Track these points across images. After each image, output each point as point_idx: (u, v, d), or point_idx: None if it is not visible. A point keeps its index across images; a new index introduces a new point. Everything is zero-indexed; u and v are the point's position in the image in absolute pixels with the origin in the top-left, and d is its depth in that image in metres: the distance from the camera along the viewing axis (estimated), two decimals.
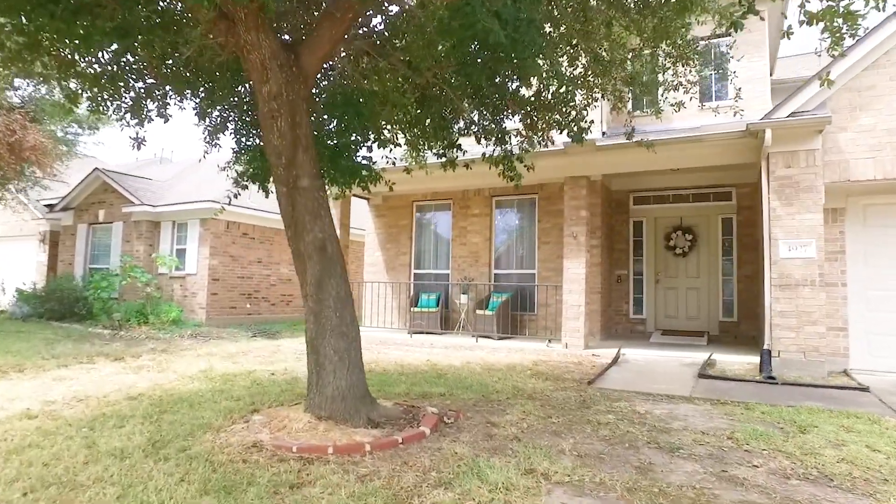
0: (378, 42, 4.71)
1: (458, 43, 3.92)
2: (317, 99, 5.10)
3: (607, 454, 3.71)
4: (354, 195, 10.93)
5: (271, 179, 5.15)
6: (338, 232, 10.24)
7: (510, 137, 6.16)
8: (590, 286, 8.99)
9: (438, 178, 8.29)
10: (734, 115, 6.19)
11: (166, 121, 5.31)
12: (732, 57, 6.77)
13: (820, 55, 4.00)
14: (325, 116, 5.03)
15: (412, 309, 10.79)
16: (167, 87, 5.16)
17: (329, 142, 4.89)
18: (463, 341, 9.56)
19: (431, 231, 11.89)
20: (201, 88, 5.24)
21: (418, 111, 5.89)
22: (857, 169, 6.52)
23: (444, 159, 6.32)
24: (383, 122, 5.89)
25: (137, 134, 5.22)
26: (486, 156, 6.12)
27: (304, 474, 3.22)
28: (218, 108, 5.57)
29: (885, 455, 3.69)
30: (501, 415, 4.66)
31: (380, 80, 5.21)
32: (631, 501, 2.92)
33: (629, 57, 5.32)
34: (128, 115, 5.12)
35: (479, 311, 10.18)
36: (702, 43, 6.37)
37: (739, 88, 5.92)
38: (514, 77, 4.75)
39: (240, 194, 5.61)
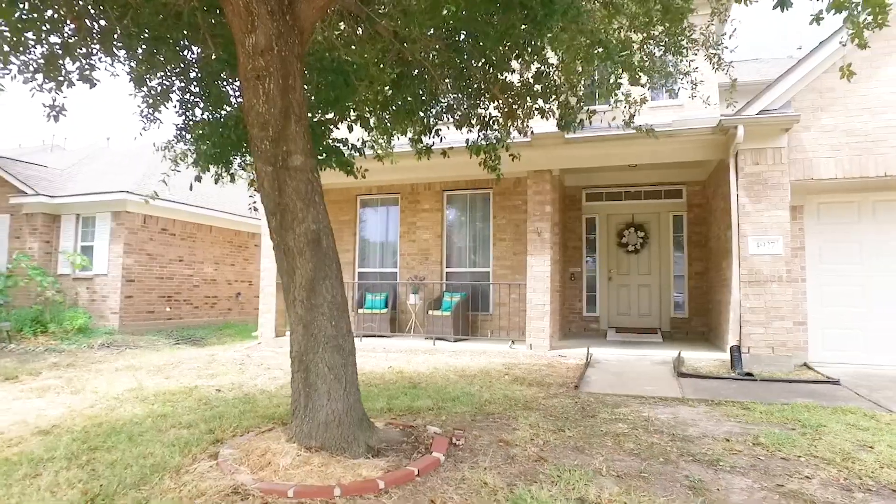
0: (367, 3, 4.01)
1: (474, 4, 3.36)
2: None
3: (647, 472, 3.32)
4: None
5: (239, 161, 4.32)
6: None
7: (493, 124, 5.69)
8: (552, 285, 8.74)
9: (387, 170, 7.61)
10: (680, 112, 6.17)
11: (92, 86, 4.26)
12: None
13: (845, 44, 3.88)
14: (306, 85, 4.25)
15: (359, 311, 10.02)
16: (94, 45, 4.15)
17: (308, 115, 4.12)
18: (418, 344, 8.97)
19: (377, 227, 11.16)
20: (139, 48, 4.26)
21: (391, 92, 5.24)
22: (820, 167, 6.71)
23: (419, 146, 5.72)
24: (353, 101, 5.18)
25: (54, 101, 4.16)
26: (470, 143, 5.59)
27: None
28: (160, 73, 4.59)
29: None
30: (509, 431, 4.16)
31: (359, 51, 4.51)
32: None
33: (631, 41, 4.99)
34: (39, 76, 4.05)
35: (432, 312, 9.64)
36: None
37: (697, 83, 5.88)
38: (526, 52, 4.23)
39: (201, 179, 4.67)
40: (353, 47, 4.25)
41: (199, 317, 12.71)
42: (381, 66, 4.80)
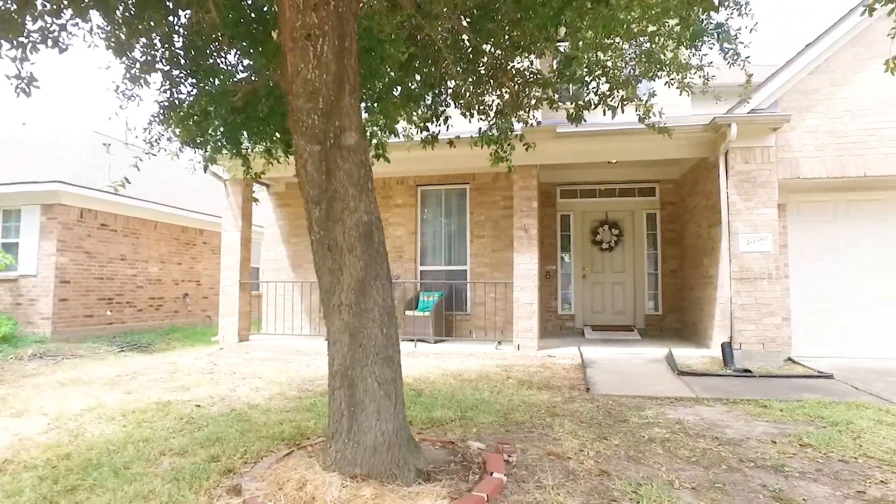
0: None
1: None
2: None
3: (720, 482, 3.11)
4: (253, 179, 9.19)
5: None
6: (239, 224, 8.55)
7: (504, 111, 5.36)
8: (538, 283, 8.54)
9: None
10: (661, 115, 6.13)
11: (62, 51, 3.55)
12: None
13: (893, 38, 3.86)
14: None
15: None
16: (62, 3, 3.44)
17: None
18: None
19: None
20: (119, 8, 3.59)
21: (400, 72, 4.80)
22: (806, 167, 6.89)
23: (425, 135, 5.30)
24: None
25: (20, 71, 3.41)
26: (481, 132, 5.23)
27: None
28: (143, 41, 3.91)
29: None
30: (551, 441, 3.85)
31: (377, 23, 4.04)
32: None
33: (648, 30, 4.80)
34: None
35: (409, 312, 9.20)
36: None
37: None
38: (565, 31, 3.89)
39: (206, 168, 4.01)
40: (375, 18, 3.76)
41: (142, 320, 11.54)
42: (395, 42, 4.34)
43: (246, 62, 4.13)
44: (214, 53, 4.13)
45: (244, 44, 3.54)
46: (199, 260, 13.32)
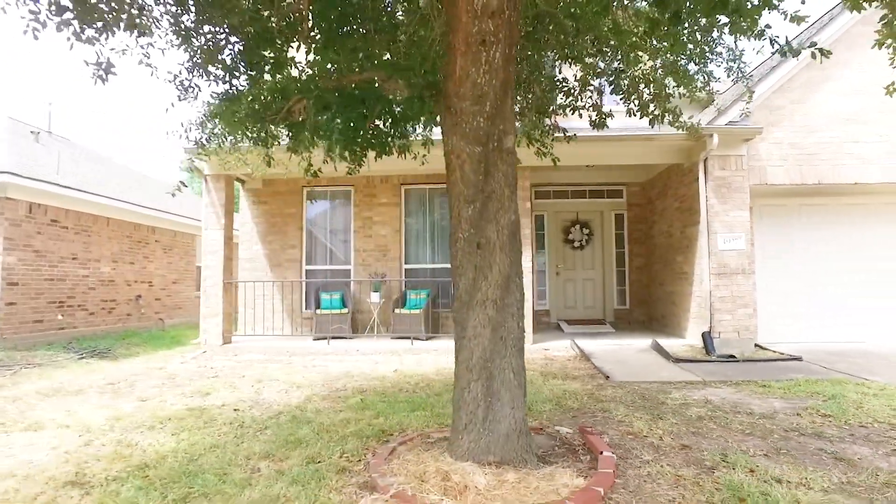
0: None
1: None
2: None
3: (783, 449, 3.57)
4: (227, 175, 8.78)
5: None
6: (222, 221, 8.23)
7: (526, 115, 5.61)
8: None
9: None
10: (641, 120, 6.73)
11: (143, 33, 3.36)
12: None
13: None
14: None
15: (316, 312, 9.24)
16: None
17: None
18: (390, 345, 8.54)
19: (328, 222, 10.38)
20: None
21: None
22: (772, 175, 7.77)
23: None
24: None
25: (99, 56, 3.21)
26: (524, 131, 5.44)
27: None
28: (209, 29, 3.77)
29: None
30: (619, 424, 4.18)
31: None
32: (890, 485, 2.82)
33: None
34: (76, 22, 3.08)
35: (398, 310, 9.26)
36: None
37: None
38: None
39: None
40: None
41: (94, 325, 10.64)
42: None
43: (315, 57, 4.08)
44: (282, 46, 4.05)
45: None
46: (152, 259, 12.47)
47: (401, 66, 3.31)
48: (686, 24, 3.63)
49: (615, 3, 3.68)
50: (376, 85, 3.47)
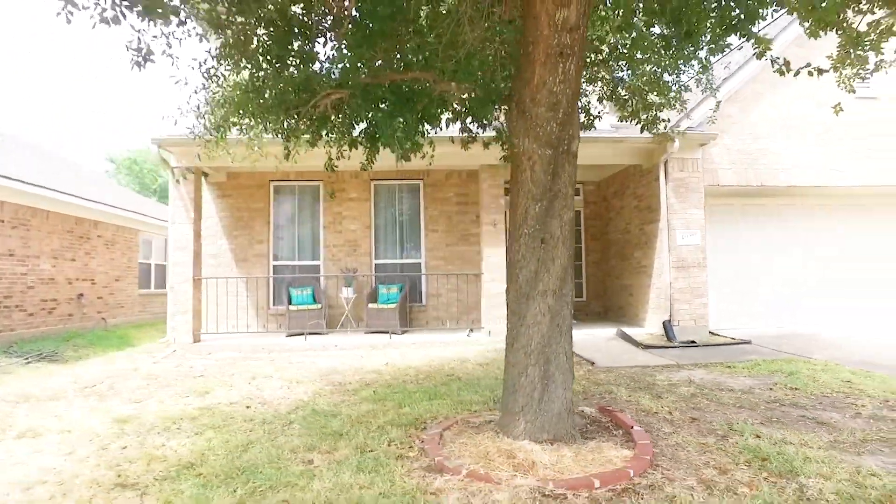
0: None
1: None
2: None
3: (773, 418, 4.10)
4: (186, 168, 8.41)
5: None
6: (191, 215, 7.98)
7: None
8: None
9: (309, 155, 7.05)
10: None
11: (183, 22, 3.30)
12: None
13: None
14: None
15: (289, 308, 9.09)
16: None
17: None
18: (363, 340, 8.58)
19: (296, 216, 10.20)
20: None
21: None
22: (723, 176, 8.58)
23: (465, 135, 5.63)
24: None
25: (140, 38, 3.12)
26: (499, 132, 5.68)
27: None
28: (240, 20, 3.73)
29: (879, 383, 5.13)
30: (628, 403, 4.57)
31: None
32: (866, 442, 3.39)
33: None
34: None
35: (372, 305, 9.31)
36: None
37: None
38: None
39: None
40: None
41: (34, 326, 9.80)
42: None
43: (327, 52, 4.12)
44: (308, 42, 4.07)
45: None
46: (94, 256, 11.63)
47: (467, 71, 3.46)
48: (695, 43, 4.04)
49: (633, 19, 4.03)
50: (427, 85, 3.59)
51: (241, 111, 4.13)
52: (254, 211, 9.89)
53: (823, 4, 4.01)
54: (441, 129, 5.24)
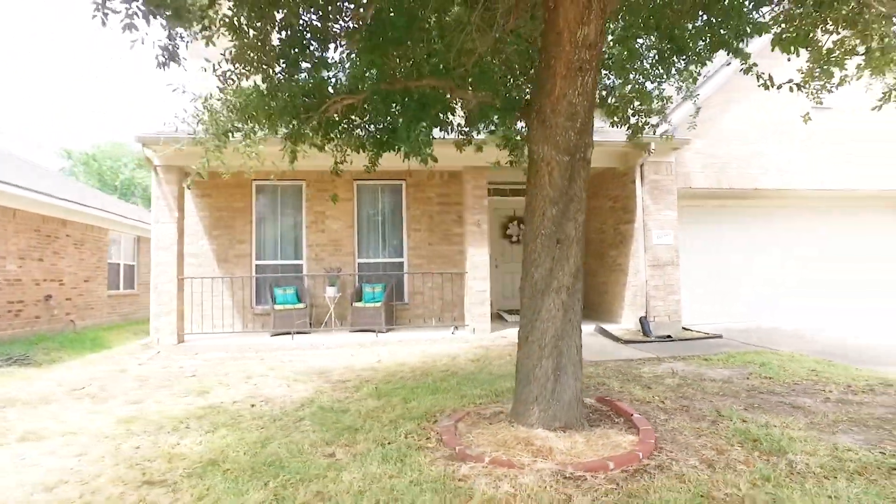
0: None
1: None
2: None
3: (754, 404, 4.45)
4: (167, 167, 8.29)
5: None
6: (175, 214, 7.91)
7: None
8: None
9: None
10: None
11: (206, 27, 3.36)
12: None
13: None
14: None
15: (274, 307, 9.08)
16: None
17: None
18: (349, 338, 8.66)
19: (278, 216, 10.16)
20: None
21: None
22: (695, 179, 9.06)
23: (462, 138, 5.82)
24: None
25: (170, 38, 3.18)
26: (501, 134, 5.88)
27: None
28: (258, 24, 3.80)
29: (841, 371, 5.60)
30: (620, 393, 4.85)
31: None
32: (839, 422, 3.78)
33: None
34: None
35: (357, 304, 9.39)
36: None
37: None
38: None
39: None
40: None
41: (1, 329, 9.45)
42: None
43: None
44: (322, 47, 4.17)
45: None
46: (63, 256, 11.24)
47: (483, 80, 3.64)
48: (687, 57, 4.35)
49: (629, 35, 4.30)
50: (439, 92, 3.75)
51: (253, 114, 4.19)
52: (235, 210, 9.80)
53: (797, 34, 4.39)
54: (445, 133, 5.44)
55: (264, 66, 4.03)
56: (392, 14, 3.62)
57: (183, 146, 7.25)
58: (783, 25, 4.92)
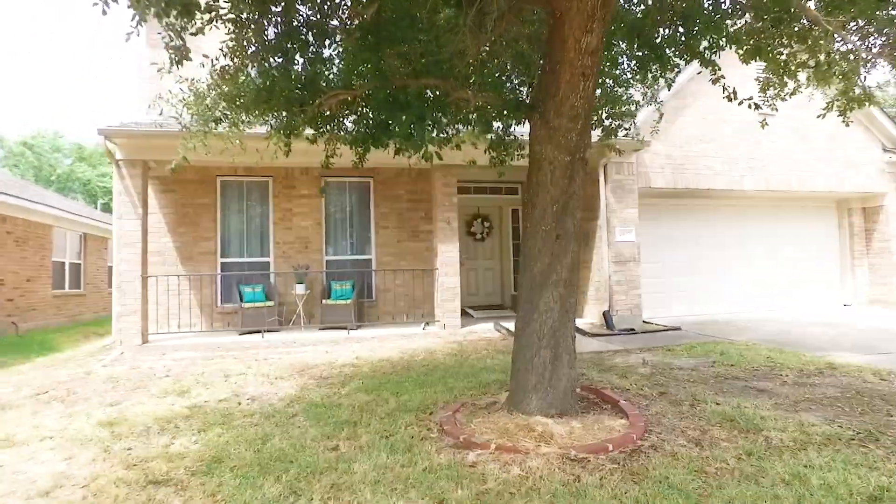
0: None
1: None
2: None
3: (725, 389, 4.81)
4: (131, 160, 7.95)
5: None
6: (139, 210, 7.66)
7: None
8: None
9: (253, 151, 6.84)
10: None
11: (212, 21, 3.32)
12: None
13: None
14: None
15: (243, 305, 8.88)
16: None
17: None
18: (320, 336, 8.61)
19: (244, 213, 9.92)
20: None
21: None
22: (654, 180, 9.55)
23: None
24: None
25: (182, 42, 3.14)
26: (491, 140, 6.05)
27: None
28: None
29: (792, 357, 6.10)
30: (605, 383, 5.11)
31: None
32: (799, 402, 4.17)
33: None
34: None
35: (326, 301, 9.34)
36: None
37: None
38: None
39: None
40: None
41: None
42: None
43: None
44: (315, 44, 4.19)
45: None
46: (3, 254, 10.53)
47: (491, 83, 3.75)
48: (663, 65, 4.64)
49: (611, 43, 4.54)
50: (437, 91, 3.85)
51: (248, 105, 4.14)
52: (199, 207, 9.49)
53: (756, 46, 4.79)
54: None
55: (261, 59, 4.00)
56: (393, 15, 3.69)
57: (152, 128, 6.98)
58: (744, 38, 5.34)
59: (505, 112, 4.07)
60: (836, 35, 5.57)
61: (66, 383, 5.98)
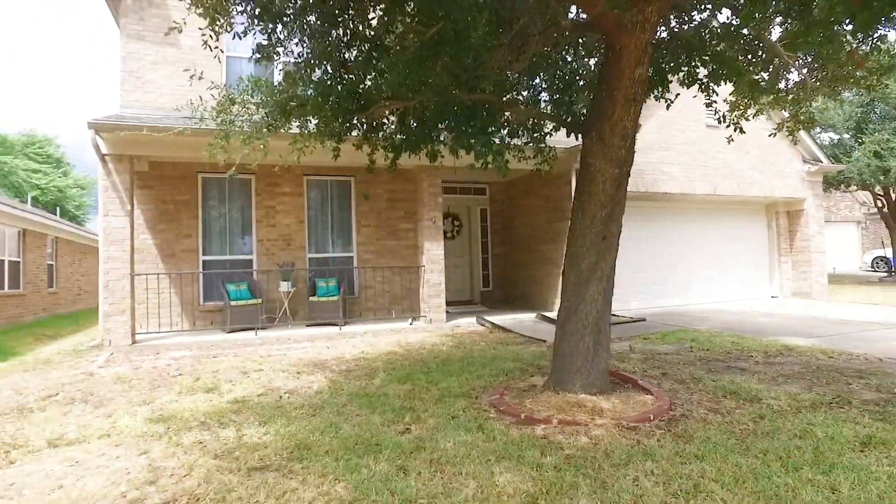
0: None
1: None
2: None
3: (712, 370, 5.58)
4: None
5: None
6: (127, 207, 7.55)
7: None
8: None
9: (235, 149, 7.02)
10: None
11: (290, 33, 3.55)
12: None
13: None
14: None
15: (230, 303, 8.81)
16: None
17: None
18: (312, 332, 8.76)
19: (226, 210, 9.77)
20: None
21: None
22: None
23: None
24: None
25: (271, 42, 3.37)
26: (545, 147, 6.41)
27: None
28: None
29: (752, 342, 7.06)
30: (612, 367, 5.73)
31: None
32: (777, 377, 5.01)
33: None
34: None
35: (313, 299, 9.46)
36: None
37: None
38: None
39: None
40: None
41: None
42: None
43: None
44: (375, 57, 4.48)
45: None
46: None
47: (555, 103, 4.20)
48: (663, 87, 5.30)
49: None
50: (486, 106, 4.26)
51: (311, 112, 4.34)
52: (180, 203, 9.26)
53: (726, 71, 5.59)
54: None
55: (326, 68, 4.23)
56: (452, 33, 4.05)
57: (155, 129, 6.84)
58: (716, 65, 6.15)
59: (560, 128, 4.56)
60: (791, 66, 6.54)
61: (72, 385, 5.81)
